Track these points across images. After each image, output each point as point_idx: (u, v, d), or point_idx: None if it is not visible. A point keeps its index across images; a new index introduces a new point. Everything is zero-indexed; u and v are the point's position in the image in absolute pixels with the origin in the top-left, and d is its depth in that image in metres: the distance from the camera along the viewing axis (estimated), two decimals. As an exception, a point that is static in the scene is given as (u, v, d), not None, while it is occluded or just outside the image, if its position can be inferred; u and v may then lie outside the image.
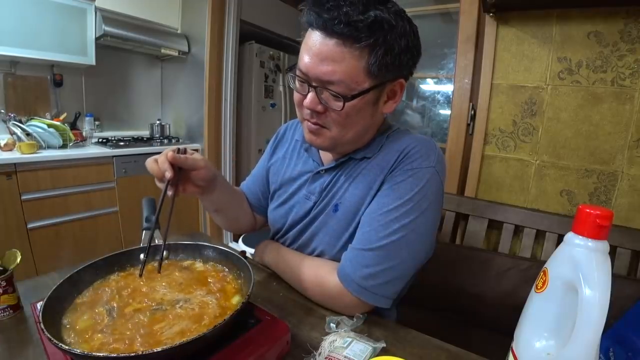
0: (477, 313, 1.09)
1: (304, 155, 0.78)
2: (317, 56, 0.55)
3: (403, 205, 0.60)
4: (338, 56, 0.54)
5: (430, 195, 0.62)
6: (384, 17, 0.53)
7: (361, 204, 0.66)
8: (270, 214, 0.84)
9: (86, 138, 2.21)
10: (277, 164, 0.83)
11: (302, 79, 0.59)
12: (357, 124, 0.61)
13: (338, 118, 0.59)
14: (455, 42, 1.42)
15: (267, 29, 2.99)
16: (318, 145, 0.65)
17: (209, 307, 0.50)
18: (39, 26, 1.86)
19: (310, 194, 0.73)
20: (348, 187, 0.68)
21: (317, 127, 0.62)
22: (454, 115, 1.45)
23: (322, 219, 0.71)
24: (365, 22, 0.52)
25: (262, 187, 0.87)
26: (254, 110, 3.01)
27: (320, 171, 0.72)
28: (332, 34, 0.53)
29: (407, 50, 0.58)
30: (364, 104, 0.59)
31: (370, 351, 0.51)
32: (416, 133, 0.71)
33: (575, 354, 0.36)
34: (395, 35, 0.55)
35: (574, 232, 0.39)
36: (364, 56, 0.54)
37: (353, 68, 0.54)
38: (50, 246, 1.81)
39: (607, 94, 1.14)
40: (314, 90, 0.57)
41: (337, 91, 0.55)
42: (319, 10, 0.53)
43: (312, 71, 0.56)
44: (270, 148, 0.88)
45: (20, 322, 0.58)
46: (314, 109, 0.59)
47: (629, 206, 1.14)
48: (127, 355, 0.37)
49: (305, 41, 0.57)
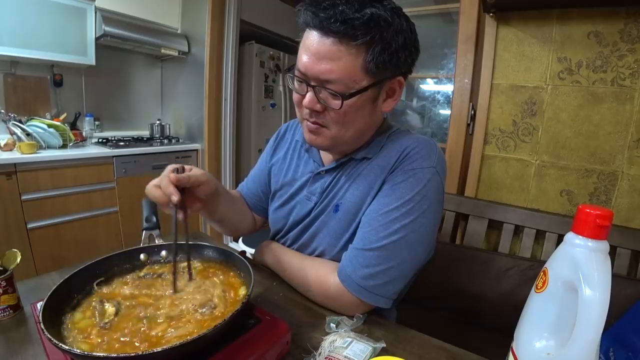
0: (477, 313, 1.09)
1: (305, 156, 0.78)
2: (314, 55, 0.55)
3: (403, 206, 0.60)
4: (335, 55, 0.54)
5: (431, 196, 0.62)
6: (380, 14, 0.53)
7: (362, 204, 0.66)
8: (271, 215, 0.84)
9: (86, 138, 2.21)
10: (277, 164, 0.83)
11: (301, 79, 0.59)
12: (356, 123, 0.61)
13: (337, 117, 0.59)
14: (455, 42, 1.42)
15: (267, 29, 2.99)
16: (318, 144, 0.65)
17: (213, 309, 0.50)
18: (39, 26, 1.86)
19: (311, 194, 0.73)
20: (349, 188, 0.68)
21: (316, 127, 0.62)
22: (454, 115, 1.45)
23: (322, 219, 0.71)
24: (361, 19, 0.52)
25: (263, 187, 0.87)
26: (254, 110, 3.01)
27: (320, 172, 0.72)
28: (329, 32, 0.53)
29: (405, 47, 0.58)
30: (362, 102, 0.58)
31: (370, 351, 0.51)
32: (416, 133, 0.71)
33: (575, 354, 0.36)
34: (392, 33, 0.55)
35: (574, 232, 0.39)
36: (361, 54, 0.54)
37: (350, 66, 0.54)
38: (50, 246, 1.81)
39: (607, 94, 1.14)
40: (312, 89, 0.57)
41: (336, 90, 0.55)
42: (316, 10, 0.53)
43: (310, 70, 0.56)
44: (270, 148, 0.87)
45: (20, 322, 0.58)
46: (313, 108, 0.59)
47: (629, 206, 1.14)
48: (127, 355, 0.37)
49: (303, 41, 0.57)
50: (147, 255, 0.63)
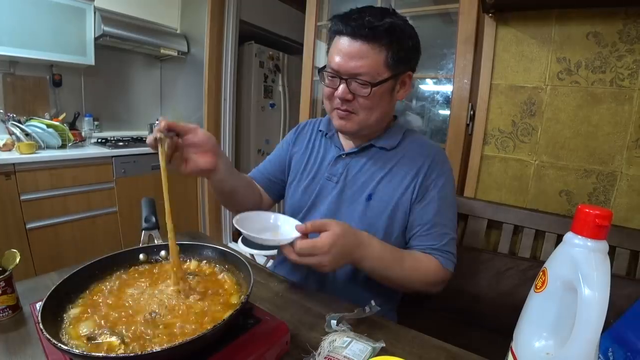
0: (477, 313, 1.09)
1: (327, 143, 0.90)
2: (347, 55, 0.69)
3: (447, 197, 0.80)
4: (364, 54, 0.68)
5: (453, 184, 0.83)
6: (397, 23, 0.70)
7: (394, 195, 0.78)
8: (292, 194, 0.90)
9: (85, 138, 2.21)
10: (299, 153, 0.92)
11: (333, 75, 0.73)
12: (379, 108, 0.75)
13: (365, 102, 0.72)
14: (455, 43, 1.42)
15: (267, 29, 2.99)
16: (347, 129, 0.77)
17: (210, 309, 0.50)
18: (38, 26, 1.85)
19: (332, 175, 0.84)
20: (381, 180, 0.80)
21: (346, 113, 0.75)
22: (453, 115, 1.45)
23: (353, 206, 0.80)
24: (383, 26, 0.68)
25: (279, 171, 0.94)
26: (253, 111, 3.01)
27: (342, 155, 0.84)
28: (358, 37, 0.68)
29: (413, 48, 0.74)
30: (384, 90, 0.73)
31: (369, 351, 0.51)
32: (417, 133, 0.87)
33: (574, 354, 0.36)
34: (405, 37, 0.71)
35: (573, 232, 0.39)
36: (383, 52, 0.69)
37: (375, 62, 0.69)
38: (49, 246, 1.81)
39: (606, 95, 1.15)
40: (344, 82, 0.71)
41: (365, 80, 0.69)
42: (347, 20, 0.69)
43: (343, 67, 0.70)
44: (290, 139, 0.96)
45: (19, 322, 0.57)
46: (345, 98, 0.72)
47: (627, 206, 1.14)
48: (127, 355, 0.37)
49: (334, 46, 0.72)
50: (146, 255, 0.63)
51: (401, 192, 0.78)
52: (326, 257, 0.60)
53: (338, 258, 0.62)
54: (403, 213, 0.78)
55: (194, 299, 0.52)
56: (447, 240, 0.76)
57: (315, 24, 1.83)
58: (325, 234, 0.60)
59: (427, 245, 0.76)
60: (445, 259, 0.75)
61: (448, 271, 0.76)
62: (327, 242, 0.59)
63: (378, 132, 0.83)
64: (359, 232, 0.67)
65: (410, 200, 0.78)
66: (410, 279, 0.72)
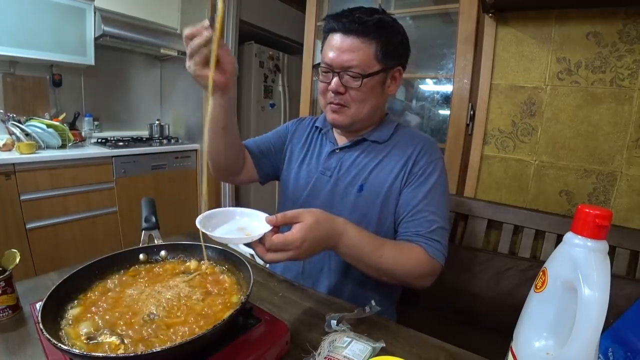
0: (477, 313, 1.09)
1: (322, 139, 0.91)
2: (339, 49, 0.73)
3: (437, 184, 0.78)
4: (355, 47, 0.72)
5: (445, 174, 0.82)
6: (385, 19, 0.74)
7: (385, 183, 0.79)
8: (287, 190, 0.91)
9: (85, 138, 2.21)
10: (298, 145, 0.94)
11: (327, 69, 0.76)
12: (370, 100, 0.77)
13: (357, 94, 0.75)
14: (455, 43, 1.42)
15: (267, 29, 2.99)
16: (340, 122, 0.80)
17: (210, 309, 0.50)
18: (38, 26, 1.85)
19: (326, 169, 0.85)
20: (372, 171, 0.81)
21: (339, 107, 0.77)
22: (453, 115, 1.45)
23: (346, 199, 0.81)
24: (372, 21, 0.72)
25: (273, 147, 0.94)
26: (253, 111, 3.01)
27: (335, 150, 0.86)
28: (350, 32, 0.72)
29: (402, 43, 0.78)
30: (375, 83, 0.76)
31: (369, 351, 0.51)
32: (409, 127, 0.90)
33: (574, 354, 0.36)
34: (394, 32, 0.75)
35: (573, 232, 0.39)
36: (373, 46, 0.73)
37: (366, 55, 0.73)
38: (49, 246, 1.81)
39: (606, 95, 1.15)
40: (337, 75, 0.74)
41: (356, 72, 0.72)
42: (339, 18, 0.73)
43: (336, 61, 0.73)
44: (292, 127, 0.98)
45: (19, 322, 0.58)
46: (337, 90, 0.75)
47: (627, 206, 1.14)
48: (127, 355, 0.37)
49: (327, 42, 0.76)
50: (146, 255, 0.63)
51: (391, 180, 0.79)
52: (298, 251, 0.55)
53: (311, 249, 0.58)
54: (394, 201, 0.78)
55: (197, 300, 0.52)
56: (434, 227, 0.72)
57: (315, 24, 1.83)
58: (296, 227, 0.56)
59: (412, 231, 0.73)
60: (432, 248, 0.70)
61: (436, 262, 0.70)
62: (299, 237, 0.55)
63: (370, 126, 0.85)
64: (335, 219, 0.63)
65: (400, 188, 0.78)
66: (392, 267, 0.67)
